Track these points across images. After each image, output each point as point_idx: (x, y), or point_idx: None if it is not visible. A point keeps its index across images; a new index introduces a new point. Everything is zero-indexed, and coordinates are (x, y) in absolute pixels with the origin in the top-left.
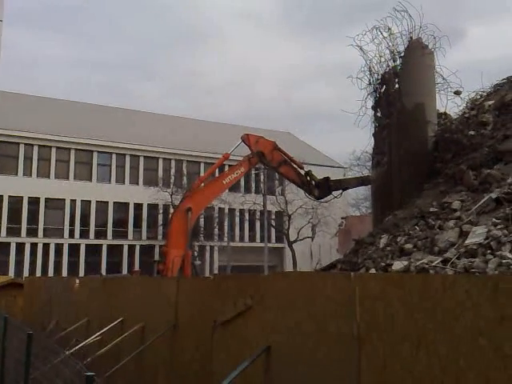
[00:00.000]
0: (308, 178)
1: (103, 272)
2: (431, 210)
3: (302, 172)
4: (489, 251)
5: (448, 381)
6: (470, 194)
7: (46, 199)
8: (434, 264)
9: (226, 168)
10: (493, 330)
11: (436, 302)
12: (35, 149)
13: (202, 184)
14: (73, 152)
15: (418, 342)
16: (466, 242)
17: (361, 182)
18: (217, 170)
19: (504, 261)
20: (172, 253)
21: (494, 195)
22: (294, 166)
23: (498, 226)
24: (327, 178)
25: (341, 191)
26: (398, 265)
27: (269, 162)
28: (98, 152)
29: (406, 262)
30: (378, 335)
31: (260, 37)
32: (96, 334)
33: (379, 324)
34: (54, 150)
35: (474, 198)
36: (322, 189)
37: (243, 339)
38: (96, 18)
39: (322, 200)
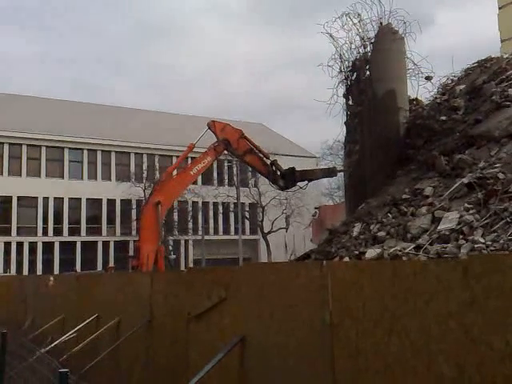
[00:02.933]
0: (273, 168)
1: (78, 269)
2: (403, 196)
3: (268, 162)
4: (461, 236)
5: (419, 365)
6: (442, 180)
7: (19, 197)
8: (406, 251)
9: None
10: (463, 313)
11: (407, 287)
12: (5, 147)
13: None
14: (44, 149)
15: (390, 327)
16: (439, 227)
17: (326, 173)
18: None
19: (476, 245)
20: (145, 248)
21: (465, 180)
22: (260, 155)
23: (470, 211)
24: (293, 169)
25: (306, 182)
26: (371, 253)
27: (234, 150)
28: (69, 149)
29: (379, 250)
30: (351, 322)
31: (230, 28)
32: (72, 331)
33: (351, 311)
34: (24, 148)
35: (446, 184)
36: (287, 179)
37: (218, 331)
38: (62, 14)
39: (289, 190)
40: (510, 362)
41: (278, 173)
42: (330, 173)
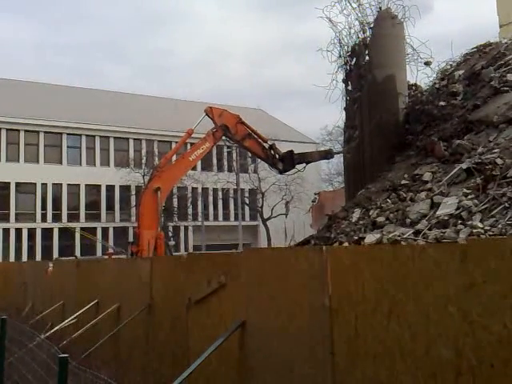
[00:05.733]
0: (272, 152)
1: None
2: (402, 182)
3: (266, 146)
4: (460, 221)
5: (418, 348)
6: (441, 166)
7: (17, 183)
8: (405, 236)
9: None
10: (461, 297)
11: (406, 272)
12: (3, 133)
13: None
14: (42, 135)
15: (389, 312)
16: (438, 212)
17: (324, 155)
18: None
19: (475, 230)
20: (145, 234)
21: (464, 166)
22: (259, 139)
23: (469, 196)
24: (291, 152)
25: (304, 165)
26: (370, 238)
27: (233, 135)
28: (68, 134)
29: (378, 235)
30: (350, 307)
31: (229, 14)
32: (72, 317)
33: (351, 295)
34: (22, 134)
35: (445, 169)
36: (285, 162)
37: (218, 316)
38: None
39: (288, 173)
40: (507, 344)
41: (277, 156)
42: (327, 154)
